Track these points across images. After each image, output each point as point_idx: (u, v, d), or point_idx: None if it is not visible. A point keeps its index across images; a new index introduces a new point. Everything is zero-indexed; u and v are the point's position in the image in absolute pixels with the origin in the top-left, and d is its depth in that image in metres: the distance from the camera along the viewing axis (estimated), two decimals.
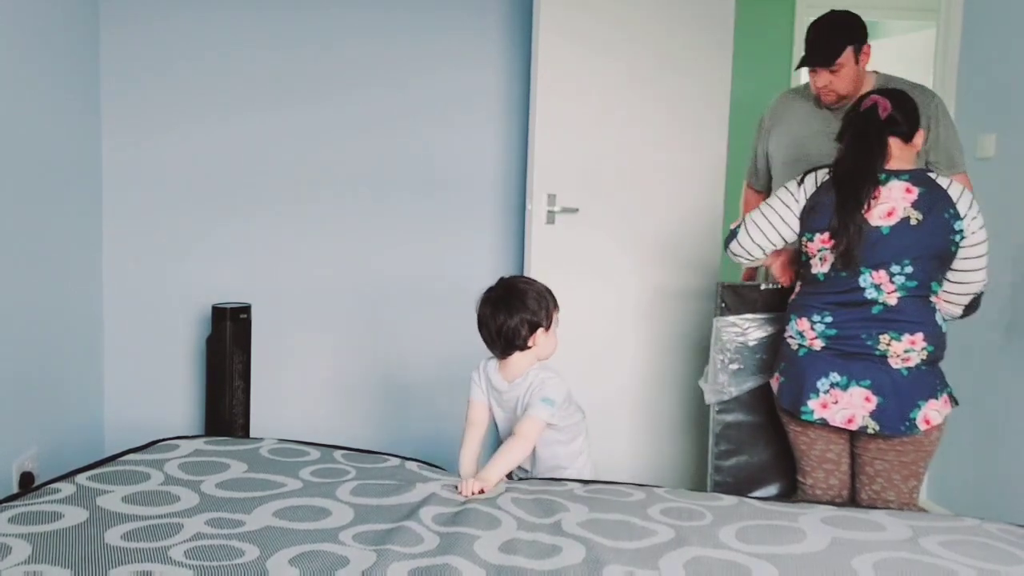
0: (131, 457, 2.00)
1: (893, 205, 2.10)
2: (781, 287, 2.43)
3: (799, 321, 2.24)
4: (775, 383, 2.34)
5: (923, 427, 2.13)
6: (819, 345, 2.20)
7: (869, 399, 2.14)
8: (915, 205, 2.09)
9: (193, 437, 2.18)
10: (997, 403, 3.01)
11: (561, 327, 2.21)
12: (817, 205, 2.18)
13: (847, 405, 2.16)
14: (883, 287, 2.12)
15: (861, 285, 2.14)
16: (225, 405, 3.03)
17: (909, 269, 2.10)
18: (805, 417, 2.21)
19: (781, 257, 2.42)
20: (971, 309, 2.24)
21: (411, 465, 2.07)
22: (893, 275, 2.11)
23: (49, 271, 2.78)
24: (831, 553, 1.59)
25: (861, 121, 2.16)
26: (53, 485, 1.79)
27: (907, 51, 4.53)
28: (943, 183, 2.12)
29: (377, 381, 3.39)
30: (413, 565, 1.47)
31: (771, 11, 4.60)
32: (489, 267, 3.35)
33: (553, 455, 2.18)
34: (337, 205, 3.30)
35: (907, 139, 2.15)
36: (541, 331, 2.10)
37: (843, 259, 2.13)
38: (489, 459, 2.04)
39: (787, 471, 2.46)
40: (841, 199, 2.12)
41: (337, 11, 3.24)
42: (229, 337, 3.03)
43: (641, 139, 3.19)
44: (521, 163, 3.36)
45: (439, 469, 2.10)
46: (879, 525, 1.74)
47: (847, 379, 2.16)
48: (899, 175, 2.12)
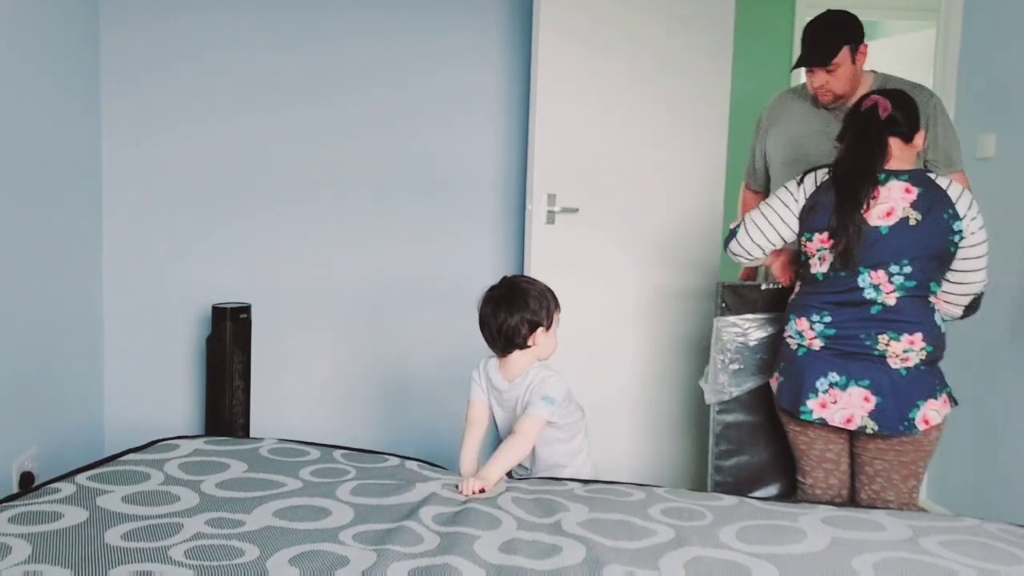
0: (131, 457, 2.00)
1: (892, 205, 2.10)
2: (781, 287, 2.43)
3: (798, 321, 2.24)
4: (774, 383, 2.34)
5: (922, 427, 2.13)
6: (818, 345, 2.20)
7: (868, 399, 2.14)
8: (914, 205, 2.09)
9: (193, 437, 2.18)
10: (997, 403, 3.01)
11: (561, 327, 2.21)
12: (816, 205, 2.18)
13: (846, 405, 2.16)
14: (882, 287, 2.12)
15: (860, 285, 2.14)
16: (225, 405, 3.03)
17: (908, 269, 2.10)
18: (804, 417, 2.21)
19: (781, 257, 2.42)
20: (971, 310, 2.24)
21: (411, 465, 2.07)
22: (892, 275, 2.11)
23: (49, 271, 2.78)
24: (831, 553, 1.59)
25: (861, 121, 2.16)
26: (53, 485, 1.79)
27: (907, 51, 4.53)
28: (942, 183, 2.11)
29: (377, 381, 3.39)
30: (413, 565, 1.47)
31: (771, 11, 4.60)
32: (489, 267, 3.35)
33: (553, 453, 2.18)
34: (337, 205, 3.30)
35: (907, 139, 2.15)
36: (541, 330, 2.11)
37: (842, 259, 2.13)
38: (489, 458, 2.05)
39: (787, 471, 2.46)
40: (840, 199, 2.12)
41: (337, 11, 3.24)
42: (229, 337, 3.03)
43: (641, 139, 3.19)
44: (521, 163, 3.36)
45: (439, 468, 2.10)
46: (879, 525, 1.74)
47: (846, 379, 2.16)
48: (898, 175, 2.12)
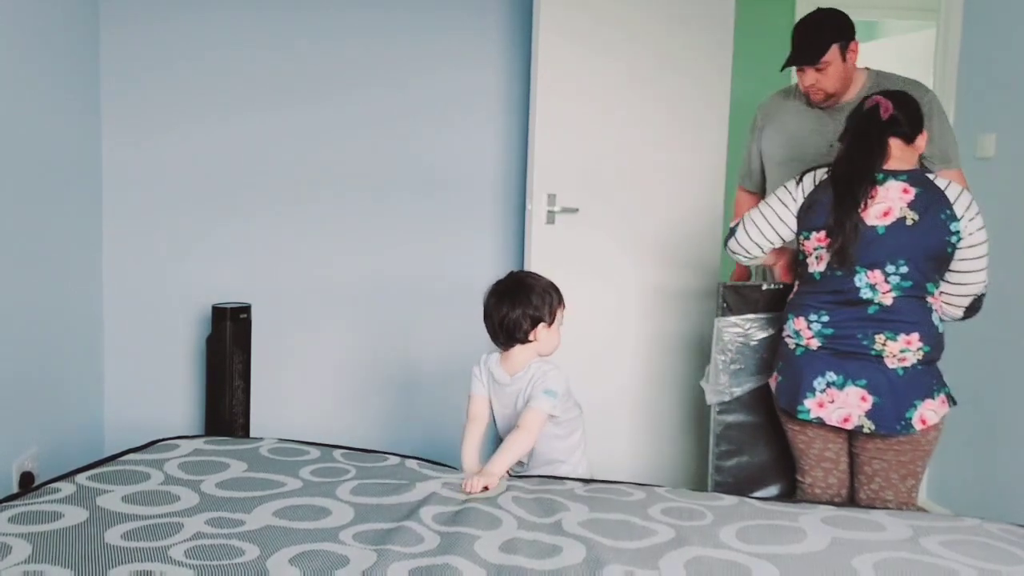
0: (131, 457, 2.00)
1: (890, 205, 2.10)
2: (783, 287, 2.43)
3: (796, 320, 2.24)
4: (773, 382, 2.34)
5: (919, 427, 2.13)
6: (816, 344, 2.20)
7: (865, 399, 2.14)
8: (911, 205, 2.09)
9: (193, 437, 2.18)
10: (997, 403, 3.00)
11: (563, 326, 2.22)
12: (815, 204, 2.18)
13: (843, 404, 2.16)
14: (878, 287, 2.12)
15: (856, 285, 2.14)
16: (225, 405, 3.03)
17: (904, 269, 2.10)
18: (801, 416, 2.21)
19: (784, 257, 2.42)
20: (972, 311, 2.23)
21: (411, 463, 2.07)
22: (888, 275, 2.11)
23: (49, 271, 2.78)
24: (831, 553, 1.59)
25: (863, 121, 2.16)
26: (53, 485, 1.79)
27: (907, 51, 4.53)
28: (941, 184, 2.11)
29: (377, 380, 3.39)
30: (413, 565, 1.47)
31: (771, 11, 4.59)
32: (489, 267, 3.34)
33: (551, 449, 2.18)
34: (337, 205, 3.30)
35: (909, 140, 2.15)
36: (543, 326, 2.13)
37: (838, 257, 2.13)
38: (490, 455, 2.05)
39: (788, 471, 2.46)
40: (838, 198, 2.12)
41: (337, 11, 3.24)
42: (229, 337, 3.03)
43: (641, 139, 3.19)
44: (521, 163, 3.36)
45: (440, 466, 2.10)
46: (879, 525, 1.74)
47: (843, 378, 2.16)
48: (897, 175, 2.12)
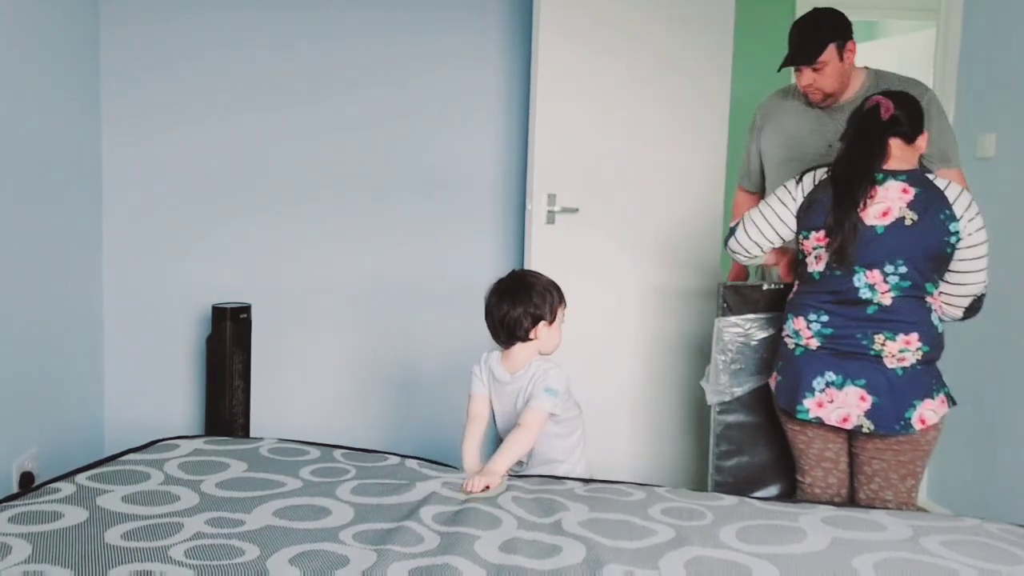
0: (131, 457, 1.99)
1: (889, 205, 2.10)
2: (783, 287, 2.43)
3: (795, 320, 2.24)
4: (773, 382, 2.34)
5: (918, 427, 2.13)
6: (815, 344, 2.20)
7: (864, 398, 2.14)
8: (911, 205, 2.09)
9: (193, 437, 2.18)
10: (997, 403, 3.00)
11: (563, 325, 2.22)
12: (814, 203, 2.18)
13: (842, 404, 2.16)
14: (877, 287, 2.12)
15: (855, 285, 2.14)
16: (225, 405, 3.03)
17: (903, 269, 2.10)
18: (801, 416, 2.21)
19: (786, 257, 2.41)
20: (972, 311, 2.23)
21: (411, 463, 2.07)
22: (887, 275, 2.11)
23: (49, 271, 2.78)
24: (832, 553, 1.59)
25: (863, 121, 2.16)
26: (53, 485, 1.79)
27: (907, 51, 4.53)
28: (941, 184, 2.11)
29: (377, 380, 3.39)
30: (413, 565, 1.47)
31: (771, 11, 4.58)
32: (489, 267, 3.34)
33: (551, 448, 2.18)
34: (337, 205, 3.30)
35: (909, 140, 2.14)
36: (544, 324, 2.13)
37: (837, 257, 2.12)
38: (490, 455, 2.05)
39: (788, 472, 2.46)
40: (837, 197, 2.12)
41: (337, 11, 3.24)
42: (229, 337, 3.03)
43: (641, 139, 3.19)
44: (521, 163, 3.36)
45: (440, 465, 2.10)
46: (880, 525, 1.74)
47: (842, 378, 2.16)
48: (896, 175, 2.12)
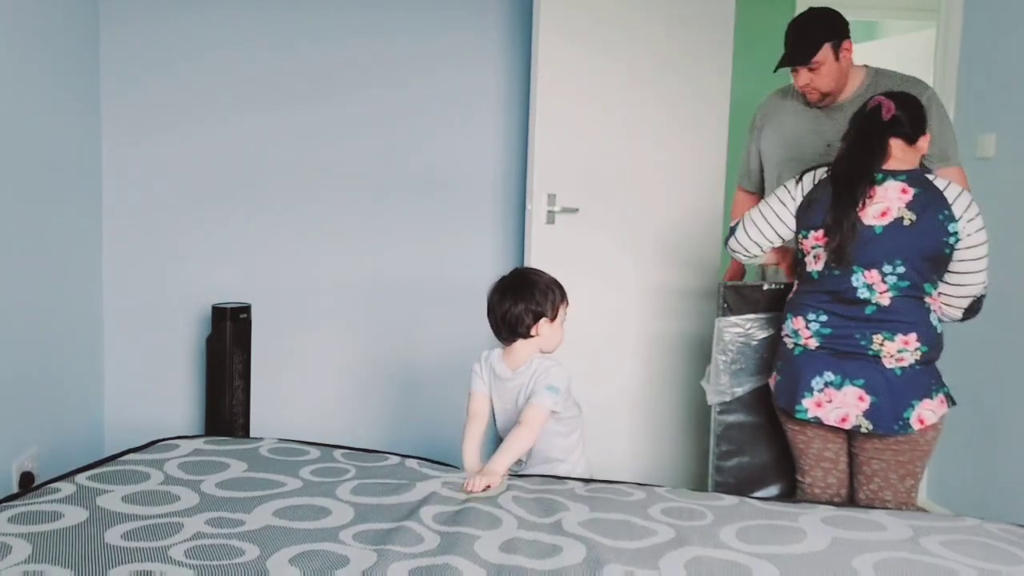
0: (131, 457, 1.99)
1: (888, 205, 2.10)
2: (784, 287, 2.43)
3: (794, 320, 2.24)
4: (772, 382, 2.34)
5: (917, 427, 2.13)
6: (814, 344, 2.20)
7: (862, 398, 2.14)
8: (909, 206, 2.09)
9: (193, 437, 2.18)
10: (997, 403, 3.00)
11: (565, 323, 2.22)
12: (813, 202, 2.19)
13: (841, 404, 2.16)
14: (875, 287, 2.12)
15: (854, 284, 2.14)
16: (225, 405, 3.03)
17: (901, 269, 2.10)
18: (799, 416, 2.21)
19: (789, 256, 2.41)
20: (972, 312, 2.22)
21: (411, 463, 2.07)
22: (885, 275, 2.11)
23: (49, 271, 2.78)
24: (832, 553, 1.59)
25: (864, 121, 2.16)
26: (53, 485, 1.79)
27: (907, 51, 4.53)
28: (940, 184, 2.11)
29: (377, 380, 3.39)
30: (413, 565, 1.47)
31: (771, 11, 4.58)
32: (489, 267, 3.34)
33: (551, 447, 2.18)
34: (337, 205, 3.30)
35: (910, 141, 2.14)
36: (545, 321, 2.14)
37: (835, 256, 2.13)
38: (490, 455, 2.05)
39: (788, 472, 2.46)
40: (836, 197, 2.12)
41: (337, 11, 3.24)
42: (229, 337, 3.03)
43: (641, 139, 3.19)
44: (521, 163, 3.36)
45: (441, 465, 2.10)
46: (880, 525, 1.74)
47: (841, 378, 2.16)
48: (896, 175, 2.12)
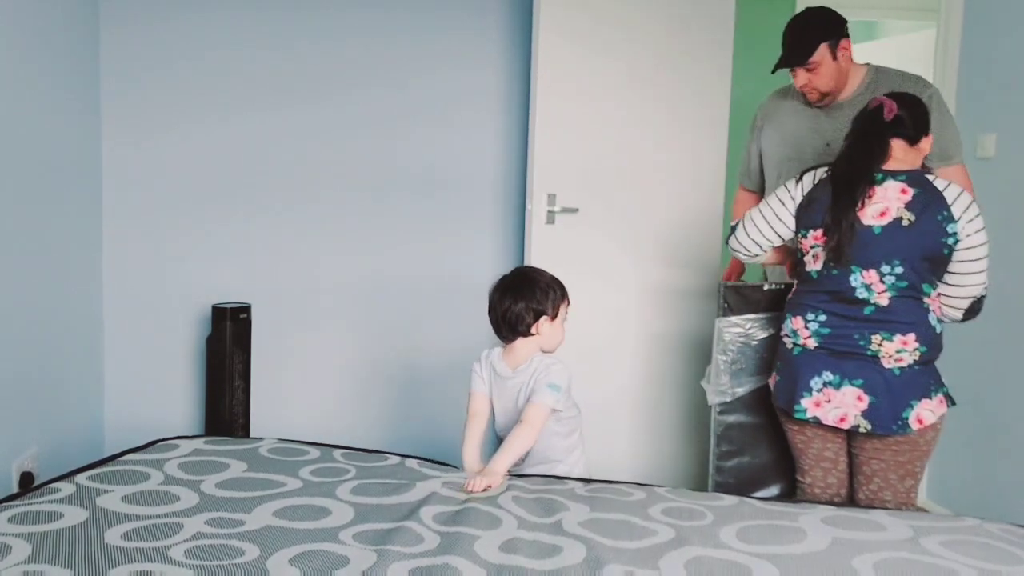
0: (131, 457, 2.00)
1: (887, 205, 2.10)
2: (784, 287, 2.43)
3: (794, 320, 2.24)
4: (772, 382, 2.34)
5: (916, 427, 2.13)
6: (813, 344, 2.20)
7: (861, 398, 2.14)
8: (908, 206, 2.09)
9: (193, 437, 2.18)
10: (997, 403, 3.00)
11: (566, 322, 2.22)
12: (813, 202, 2.19)
13: (839, 404, 2.16)
14: (873, 287, 2.12)
15: (852, 284, 2.13)
16: (225, 405, 3.03)
17: (899, 270, 2.10)
18: (798, 415, 2.21)
19: (791, 256, 2.41)
20: (971, 313, 2.22)
21: (411, 463, 2.07)
22: (883, 275, 2.11)
23: (49, 271, 2.78)
24: (832, 553, 1.59)
25: (866, 121, 2.16)
26: (53, 485, 1.79)
27: (907, 51, 4.53)
28: (940, 185, 2.11)
29: (377, 380, 3.39)
30: (413, 565, 1.47)
31: (771, 11, 4.57)
32: (489, 267, 3.34)
33: (550, 447, 2.18)
34: (337, 205, 3.30)
35: (912, 142, 2.14)
36: (545, 319, 2.14)
37: (834, 256, 2.12)
38: (489, 455, 2.05)
39: (788, 472, 2.46)
40: (836, 196, 2.12)
41: (337, 11, 3.24)
42: (229, 337, 3.02)
43: (641, 139, 3.19)
44: (521, 163, 3.36)
45: (441, 465, 2.10)
46: (880, 525, 1.74)
47: (840, 378, 2.16)
48: (896, 175, 2.11)
